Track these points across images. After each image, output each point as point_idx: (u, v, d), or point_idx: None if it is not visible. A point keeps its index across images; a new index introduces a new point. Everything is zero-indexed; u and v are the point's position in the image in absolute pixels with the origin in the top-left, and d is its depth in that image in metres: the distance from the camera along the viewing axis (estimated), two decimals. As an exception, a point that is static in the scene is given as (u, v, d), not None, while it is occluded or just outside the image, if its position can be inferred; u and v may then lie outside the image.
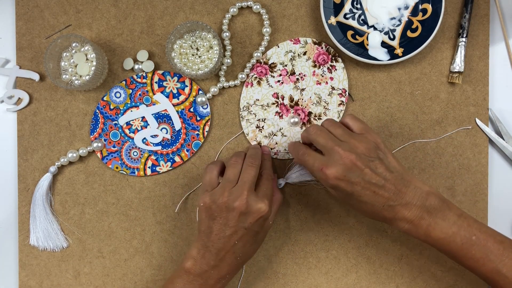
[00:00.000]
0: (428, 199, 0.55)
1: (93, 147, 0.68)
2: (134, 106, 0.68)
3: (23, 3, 0.69)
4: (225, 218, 0.58)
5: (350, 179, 0.54)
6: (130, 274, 0.70)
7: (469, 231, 0.54)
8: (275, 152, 0.69)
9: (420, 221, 0.54)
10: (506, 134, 0.68)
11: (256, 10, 0.68)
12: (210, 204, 0.59)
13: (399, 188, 0.55)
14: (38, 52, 0.69)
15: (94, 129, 0.68)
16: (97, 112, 0.68)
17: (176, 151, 0.68)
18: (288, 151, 0.66)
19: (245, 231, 0.58)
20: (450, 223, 0.54)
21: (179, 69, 0.65)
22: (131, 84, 0.68)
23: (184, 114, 0.68)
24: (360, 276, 0.69)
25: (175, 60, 0.66)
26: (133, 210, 0.70)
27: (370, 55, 0.67)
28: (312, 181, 0.67)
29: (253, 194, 0.59)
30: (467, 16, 0.67)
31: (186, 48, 0.67)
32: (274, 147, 0.69)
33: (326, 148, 0.56)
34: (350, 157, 0.54)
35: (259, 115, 0.68)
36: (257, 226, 0.59)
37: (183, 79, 0.68)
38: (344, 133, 0.58)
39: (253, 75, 0.68)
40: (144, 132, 0.68)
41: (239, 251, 0.59)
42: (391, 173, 0.55)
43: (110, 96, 0.68)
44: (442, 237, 0.54)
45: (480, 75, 0.69)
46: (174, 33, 0.64)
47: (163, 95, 0.68)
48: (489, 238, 0.54)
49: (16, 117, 0.70)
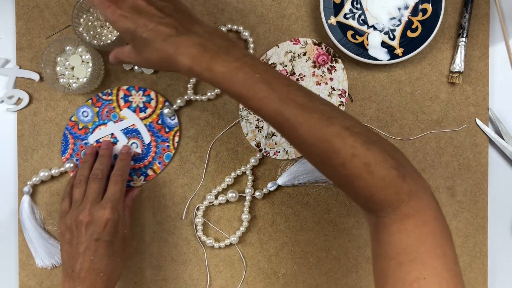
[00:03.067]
0: (214, 34, 0.52)
1: (65, 168, 0.68)
2: (102, 123, 0.68)
3: (23, 3, 0.69)
4: (76, 236, 0.60)
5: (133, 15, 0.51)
6: (130, 274, 0.70)
7: (253, 68, 0.49)
8: (274, 152, 0.69)
9: (202, 54, 0.49)
10: (506, 134, 0.68)
11: (243, 37, 0.68)
12: (64, 229, 0.61)
13: (183, 24, 0.52)
14: (38, 52, 0.69)
15: (65, 150, 0.69)
16: (66, 133, 0.68)
17: (148, 164, 0.69)
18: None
19: (97, 243, 0.59)
20: (233, 58, 0.50)
21: (89, 42, 0.65)
22: (97, 102, 0.68)
23: (152, 127, 0.68)
24: (360, 276, 0.69)
25: (84, 34, 0.66)
26: (133, 210, 0.70)
27: (370, 55, 0.67)
28: (305, 184, 0.68)
29: (97, 204, 0.61)
30: (467, 16, 0.67)
31: (94, 21, 0.67)
32: (273, 147, 0.69)
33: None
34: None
35: None
36: (107, 235, 0.60)
37: (148, 92, 0.68)
38: None
39: None
40: (114, 149, 0.68)
41: (98, 267, 0.59)
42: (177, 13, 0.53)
43: (77, 116, 0.68)
44: (224, 71, 0.49)
45: (480, 75, 0.69)
46: (78, 6, 0.64)
47: (130, 110, 0.68)
48: (274, 79, 0.49)
49: (16, 117, 0.70)
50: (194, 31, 0.51)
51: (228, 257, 0.70)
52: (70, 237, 0.60)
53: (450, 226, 0.69)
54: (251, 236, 0.69)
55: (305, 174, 0.68)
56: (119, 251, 0.61)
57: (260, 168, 0.69)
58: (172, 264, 0.70)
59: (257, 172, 0.69)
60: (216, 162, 0.69)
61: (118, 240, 0.61)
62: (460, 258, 0.69)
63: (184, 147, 0.69)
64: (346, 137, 0.47)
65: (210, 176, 0.69)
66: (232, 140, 0.70)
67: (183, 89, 0.69)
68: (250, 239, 0.69)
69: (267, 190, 0.68)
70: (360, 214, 0.69)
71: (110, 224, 0.60)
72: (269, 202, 0.69)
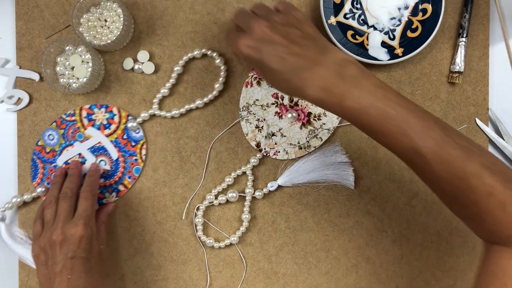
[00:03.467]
0: (343, 65, 0.50)
1: (37, 193, 0.68)
2: (69, 144, 0.69)
3: (23, 3, 0.69)
4: (51, 257, 0.59)
5: (259, 45, 0.51)
6: (130, 274, 0.70)
7: (386, 103, 0.47)
8: (274, 153, 0.69)
9: (332, 88, 0.48)
10: (506, 134, 0.68)
11: (218, 64, 0.68)
12: (38, 251, 0.60)
13: (309, 53, 0.50)
14: (38, 52, 0.69)
15: (35, 175, 0.69)
16: (34, 158, 0.69)
17: (119, 180, 0.69)
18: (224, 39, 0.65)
19: (73, 261, 0.58)
20: (365, 92, 0.48)
21: (89, 42, 0.65)
22: (62, 124, 0.68)
23: (118, 142, 0.68)
24: (360, 276, 0.69)
25: (84, 34, 0.66)
26: (133, 210, 0.70)
27: (370, 55, 0.67)
28: (305, 184, 0.68)
29: (69, 222, 0.60)
30: (467, 16, 0.67)
31: (94, 21, 0.67)
32: (273, 147, 0.69)
33: (245, 24, 0.54)
34: (261, 25, 0.52)
35: (258, 115, 0.68)
36: (82, 252, 0.59)
37: (110, 108, 0.68)
38: (266, 12, 0.55)
39: (252, 75, 0.68)
40: (83, 168, 0.68)
41: (76, 285, 0.57)
42: (305, 40, 0.52)
43: (44, 140, 0.69)
44: (356, 108, 0.48)
45: (480, 75, 0.69)
46: (78, 6, 0.64)
47: (94, 128, 0.68)
48: (409, 113, 0.47)
49: (16, 117, 0.70)
50: (322, 63, 0.50)
51: (228, 257, 0.70)
52: (45, 259, 0.60)
53: (450, 226, 0.69)
54: (251, 236, 0.69)
55: (305, 174, 0.68)
56: (96, 267, 0.60)
57: (260, 168, 0.69)
58: (172, 264, 0.70)
59: (257, 172, 0.69)
60: (216, 162, 0.69)
61: (94, 256, 0.60)
62: (460, 258, 0.69)
63: (184, 147, 0.69)
64: (485, 176, 0.46)
65: (210, 176, 0.70)
66: (232, 140, 0.70)
67: (149, 103, 0.69)
68: (250, 239, 0.69)
69: (267, 190, 0.68)
70: (360, 214, 0.69)
71: (84, 241, 0.59)
72: (269, 202, 0.69)
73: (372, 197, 0.69)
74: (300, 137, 0.68)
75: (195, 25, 0.69)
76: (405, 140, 0.47)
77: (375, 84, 0.49)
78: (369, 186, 0.69)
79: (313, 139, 0.68)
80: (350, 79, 0.49)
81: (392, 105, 0.47)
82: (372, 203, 0.69)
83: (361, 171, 0.69)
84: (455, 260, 0.69)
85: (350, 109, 0.48)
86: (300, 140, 0.68)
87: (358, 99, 0.48)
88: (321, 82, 0.49)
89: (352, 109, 0.48)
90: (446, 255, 0.69)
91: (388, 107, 0.47)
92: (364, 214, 0.69)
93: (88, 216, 0.61)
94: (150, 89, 0.69)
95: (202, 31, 0.69)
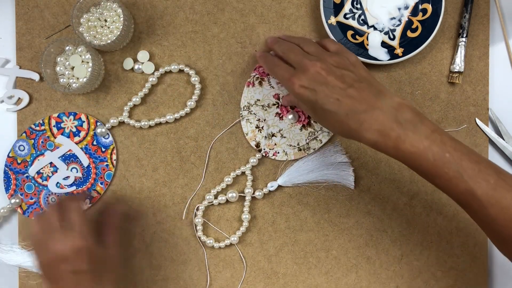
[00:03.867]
0: (400, 110, 0.51)
1: (12, 204, 0.68)
2: (40, 154, 0.69)
3: (23, 3, 0.69)
4: (54, 273, 0.56)
5: (314, 86, 0.52)
6: (130, 274, 0.70)
7: (442, 148, 0.49)
8: (274, 153, 0.69)
9: (389, 132, 0.49)
10: (506, 134, 0.68)
11: (192, 82, 0.68)
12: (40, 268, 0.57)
13: (365, 96, 0.51)
14: (38, 52, 0.69)
15: (7, 187, 0.69)
16: (6, 170, 0.68)
17: (91, 186, 0.69)
18: (259, 62, 0.65)
19: (76, 276, 0.55)
20: (421, 137, 0.49)
21: (89, 42, 0.65)
22: (31, 134, 0.68)
23: (88, 149, 0.69)
24: (360, 276, 0.69)
25: (84, 34, 0.66)
26: (133, 210, 0.70)
27: (370, 55, 0.67)
28: (305, 184, 0.68)
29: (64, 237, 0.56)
30: (467, 16, 0.67)
31: (94, 21, 0.67)
32: (273, 147, 0.69)
33: (296, 62, 0.55)
34: (316, 65, 0.53)
35: (259, 116, 0.68)
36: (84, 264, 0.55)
37: (78, 115, 0.68)
38: (317, 50, 0.56)
39: (254, 75, 0.68)
40: (55, 177, 0.69)
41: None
42: (359, 83, 0.52)
43: (15, 151, 0.68)
44: (413, 152, 0.49)
45: (480, 75, 0.69)
46: (78, 6, 0.64)
47: (64, 137, 0.68)
48: (464, 157, 0.49)
49: (16, 117, 0.70)
50: (378, 106, 0.51)
51: (228, 257, 0.70)
52: (49, 276, 0.57)
53: (450, 226, 0.69)
54: (251, 236, 0.69)
55: (305, 174, 0.68)
56: (106, 280, 0.58)
57: (260, 168, 0.69)
58: (172, 264, 0.70)
59: (257, 172, 0.69)
60: (216, 162, 0.69)
61: (100, 266, 0.57)
62: (460, 258, 0.69)
63: (184, 147, 0.69)
64: None
65: (210, 176, 0.70)
66: (232, 140, 0.70)
67: (148, 103, 0.69)
68: (250, 239, 0.70)
69: (267, 190, 0.68)
70: (360, 214, 0.69)
71: (84, 252, 0.55)
72: (269, 202, 0.69)
73: (372, 197, 0.69)
74: (300, 138, 0.68)
75: (195, 25, 0.69)
76: (460, 183, 0.48)
77: (431, 127, 0.50)
78: (369, 186, 0.69)
79: (312, 141, 0.68)
80: (407, 123, 0.50)
81: (448, 149, 0.49)
82: (372, 203, 0.69)
83: (361, 171, 0.69)
84: (455, 260, 0.69)
85: (406, 153, 0.50)
86: (300, 141, 0.68)
87: (415, 143, 0.49)
88: (378, 126, 0.50)
89: (408, 152, 0.49)
90: (446, 255, 0.69)
91: (444, 151, 0.49)
92: (364, 214, 0.69)
93: (79, 225, 0.57)
94: (150, 89, 0.69)
95: (202, 31, 0.69)
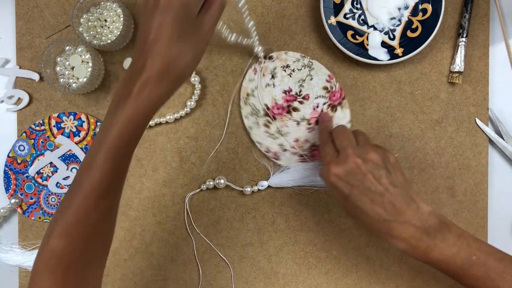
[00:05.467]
0: (429, 219, 0.54)
1: (11, 204, 0.68)
2: (40, 154, 0.69)
3: (23, 3, 0.69)
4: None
5: (349, 180, 0.54)
6: (130, 274, 0.70)
7: (468, 251, 0.52)
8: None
9: (418, 242, 0.53)
10: (506, 134, 0.68)
11: (193, 81, 0.68)
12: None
13: (398, 205, 0.54)
14: (38, 52, 0.69)
15: (7, 187, 0.69)
16: (6, 170, 0.69)
17: None
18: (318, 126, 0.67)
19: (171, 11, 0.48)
20: (449, 244, 0.53)
21: (89, 42, 0.65)
22: (31, 134, 0.69)
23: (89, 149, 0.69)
24: (360, 276, 0.69)
25: (84, 34, 0.66)
26: (133, 210, 0.70)
27: (370, 55, 0.67)
28: (294, 187, 0.68)
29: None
30: (467, 16, 0.67)
31: (94, 21, 0.67)
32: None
33: (341, 147, 0.57)
34: (357, 160, 0.54)
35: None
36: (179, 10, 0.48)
37: (78, 115, 0.69)
38: (365, 141, 0.58)
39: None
40: (56, 177, 0.69)
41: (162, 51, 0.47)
42: (395, 187, 0.54)
43: (15, 151, 0.69)
44: (441, 259, 0.53)
45: (480, 75, 0.69)
46: (78, 6, 0.64)
47: (64, 137, 0.69)
48: (489, 257, 0.52)
49: (16, 117, 0.70)
50: (408, 216, 0.53)
51: (228, 257, 0.70)
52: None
53: (450, 226, 0.69)
54: (251, 236, 0.70)
55: (297, 179, 0.67)
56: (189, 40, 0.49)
57: (259, 167, 0.69)
58: (172, 264, 0.70)
59: (252, 168, 0.69)
60: (216, 162, 0.69)
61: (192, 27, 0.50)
62: (460, 258, 0.69)
63: (184, 147, 0.69)
64: None
65: (210, 176, 0.69)
66: (232, 140, 0.70)
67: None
68: (250, 239, 0.70)
69: (257, 188, 0.68)
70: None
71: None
72: (269, 202, 0.69)
73: (372, 197, 0.69)
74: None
75: (195, 25, 0.69)
76: (487, 282, 0.52)
77: (457, 233, 0.54)
78: (369, 186, 0.69)
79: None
80: (435, 233, 0.53)
81: (474, 251, 0.52)
82: (372, 203, 0.69)
83: (361, 171, 0.69)
84: (455, 260, 0.69)
85: (435, 260, 0.53)
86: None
87: (443, 251, 0.53)
88: (407, 236, 0.53)
89: (437, 260, 0.53)
90: (446, 255, 0.69)
91: (471, 254, 0.52)
92: (364, 214, 0.69)
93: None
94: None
95: (202, 31, 0.69)
